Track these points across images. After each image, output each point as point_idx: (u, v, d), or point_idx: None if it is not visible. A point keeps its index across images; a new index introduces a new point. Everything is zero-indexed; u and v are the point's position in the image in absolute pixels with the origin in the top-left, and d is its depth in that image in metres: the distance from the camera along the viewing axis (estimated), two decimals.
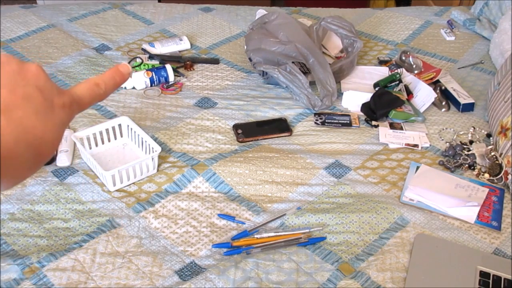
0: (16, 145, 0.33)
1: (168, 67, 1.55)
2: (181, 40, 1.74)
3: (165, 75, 1.54)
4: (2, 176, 0.33)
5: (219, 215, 1.11)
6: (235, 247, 1.03)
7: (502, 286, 0.95)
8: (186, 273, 0.99)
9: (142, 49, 1.70)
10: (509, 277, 0.96)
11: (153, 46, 1.69)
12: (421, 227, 1.08)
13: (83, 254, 1.02)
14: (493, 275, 0.96)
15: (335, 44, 1.66)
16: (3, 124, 0.32)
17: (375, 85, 1.50)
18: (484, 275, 0.97)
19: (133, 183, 1.19)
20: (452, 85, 1.50)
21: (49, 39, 1.76)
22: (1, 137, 0.32)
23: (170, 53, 1.70)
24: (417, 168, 1.24)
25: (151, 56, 1.66)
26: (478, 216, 1.11)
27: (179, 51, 1.72)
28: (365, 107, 1.43)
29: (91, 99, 0.40)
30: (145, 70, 1.53)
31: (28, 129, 0.34)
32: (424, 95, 1.44)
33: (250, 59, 1.55)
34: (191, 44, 1.76)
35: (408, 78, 1.52)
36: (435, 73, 1.54)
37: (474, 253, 1.02)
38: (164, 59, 1.64)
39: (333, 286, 0.96)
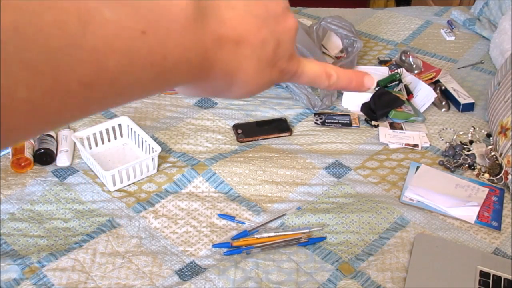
0: (217, 72, 0.30)
1: None
2: None
3: None
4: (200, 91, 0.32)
5: (219, 215, 1.11)
6: (235, 247, 1.03)
7: (502, 286, 0.95)
8: (186, 273, 0.99)
9: None
10: (509, 277, 0.96)
11: None
12: (421, 227, 1.09)
13: (83, 254, 1.02)
14: (493, 275, 0.96)
15: (335, 44, 1.66)
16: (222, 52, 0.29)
17: (375, 85, 1.50)
18: (484, 275, 0.97)
19: (133, 183, 1.19)
20: (452, 85, 1.50)
21: None
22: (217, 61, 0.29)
23: None
24: (417, 168, 1.24)
25: None
26: (478, 216, 1.11)
27: None
28: (365, 107, 1.43)
29: (309, 81, 0.37)
30: None
31: (238, 68, 0.31)
32: (424, 95, 1.44)
33: None
34: None
35: (408, 78, 1.52)
36: (435, 73, 1.54)
37: (474, 253, 1.02)
38: None
39: (333, 286, 0.96)
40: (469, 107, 1.44)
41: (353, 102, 1.46)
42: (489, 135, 1.34)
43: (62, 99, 0.21)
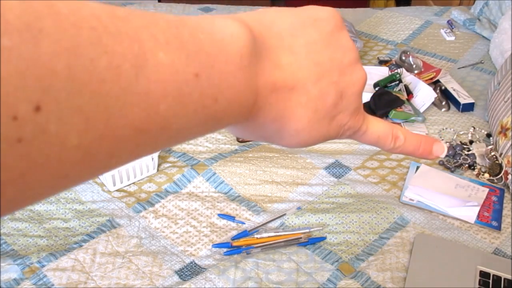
0: (267, 116, 0.28)
1: None
2: None
3: None
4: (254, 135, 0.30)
5: (219, 215, 1.11)
6: (235, 247, 1.03)
7: (502, 286, 0.95)
8: (186, 273, 0.99)
9: None
10: (509, 277, 0.96)
11: None
12: (421, 227, 1.09)
13: (83, 254, 1.02)
14: (493, 275, 0.96)
15: None
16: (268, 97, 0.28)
17: (375, 85, 1.50)
18: (484, 275, 0.97)
19: (133, 183, 1.19)
20: (452, 85, 1.50)
21: None
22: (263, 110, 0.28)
23: None
24: (417, 168, 1.24)
25: None
26: (478, 216, 1.11)
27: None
28: (365, 107, 1.42)
29: (374, 141, 0.34)
30: None
31: (290, 115, 0.29)
32: (424, 95, 1.44)
33: None
34: None
35: (408, 78, 1.52)
36: (435, 73, 1.54)
37: (474, 253, 1.02)
38: None
39: (333, 286, 0.96)
40: (469, 107, 1.44)
41: None
42: (489, 135, 1.34)
43: (113, 144, 0.21)
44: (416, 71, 1.58)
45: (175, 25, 0.23)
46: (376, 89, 1.47)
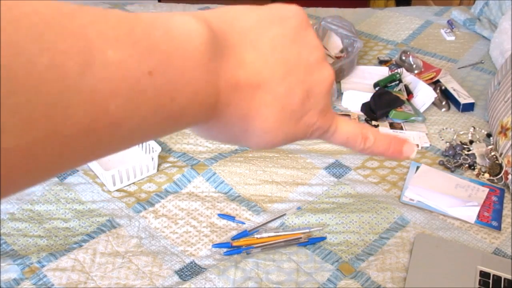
0: (231, 116, 0.28)
1: None
2: None
3: None
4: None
5: (219, 215, 1.11)
6: (235, 247, 1.03)
7: (502, 286, 0.95)
8: (186, 273, 0.99)
9: None
10: (509, 277, 0.96)
11: None
12: (421, 227, 1.08)
13: (83, 254, 1.02)
14: (493, 275, 0.96)
15: (335, 44, 1.66)
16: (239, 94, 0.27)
17: (375, 85, 1.50)
18: (484, 275, 0.97)
19: (133, 183, 1.19)
20: (452, 85, 1.50)
21: None
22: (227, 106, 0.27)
23: None
24: (417, 168, 1.24)
25: None
26: (478, 216, 1.11)
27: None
28: (365, 107, 1.43)
29: (343, 142, 0.33)
30: None
31: (255, 114, 0.28)
32: (424, 95, 1.44)
33: None
34: None
35: (408, 78, 1.52)
36: (435, 73, 1.54)
37: (474, 253, 1.02)
38: None
39: (333, 286, 0.96)
40: (469, 107, 1.44)
41: (353, 102, 1.46)
42: (489, 135, 1.34)
43: (58, 145, 0.20)
44: (416, 71, 1.58)
45: (127, 21, 0.23)
46: (376, 89, 1.47)
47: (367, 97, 1.43)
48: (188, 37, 0.25)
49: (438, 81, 1.52)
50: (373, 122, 1.40)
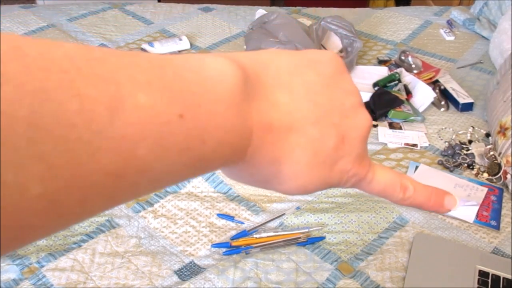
0: (263, 158, 0.27)
1: None
2: (180, 39, 1.74)
3: None
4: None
5: (218, 215, 1.11)
6: (234, 247, 1.03)
7: (501, 285, 0.95)
8: (185, 273, 0.99)
9: (142, 49, 1.70)
10: (508, 276, 0.96)
11: (153, 46, 1.69)
12: (420, 227, 1.09)
13: (82, 254, 1.02)
14: (492, 275, 0.96)
15: (334, 44, 1.66)
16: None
17: (375, 84, 1.50)
18: (483, 274, 0.97)
19: None
20: (451, 85, 1.50)
21: (48, 39, 1.76)
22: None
23: (170, 53, 1.70)
24: (416, 167, 1.24)
25: None
26: (477, 215, 1.11)
27: (179, 51, 1.73)
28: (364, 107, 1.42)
29: (380, 191, 0.32)
30: None
31: (288, 157, 0.27)
32: (423, 95, 1.44)
33: None
34: (191, 44, 1.76)
35: (407, 77, 1.52)
36: (434, 73, 1.54)
37: (473, 252, 1.02)
38: None
39: (332, 285, 0.96)
40: (468, 107, 1.44)
41: None
42: (488, 135, 1.34)
43: (84, 191, 0.19)
44: (415, 71, 1.58)
45: (159, 64, 0.22)
46: (376, 88, 1.48)
47: (366, 97, 1.43)
48: (220, 78, 0.24)
49: (437, 81, 1.52)
50: (372, 122, 1.40)
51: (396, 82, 1.49)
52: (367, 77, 1.58)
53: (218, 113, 0.23)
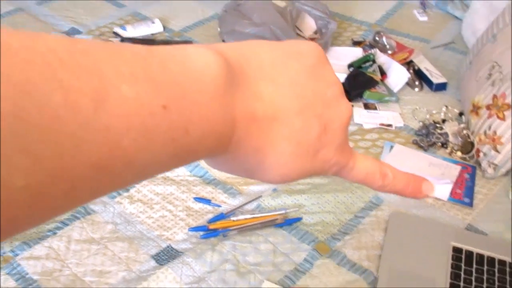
0: (247, 147, 0.27)
1: None
2: (153, 22, 1.71)
3: None
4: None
5: (195, 198, 1.11)
6: (212, 230, 1.03)
7: (474, 260, 0.97)
8: (162, 257, 0.99)
9: (114, 32, 1.67)
10: (481, 252, 0.98)
11: (125, 30, 1.66)
12: (396, 206, 1.10)
13: (57, 241, 1.01)
14: (466, 250, 0.98)
15: (309, 25, 1.66)
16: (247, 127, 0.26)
17: (349, 66, 1.50)
18: (457, 250, 0.98)
19: None
20: (425, 65, 1.51)
21: (17, 23, 1.72)
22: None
23: (143, 37, 1.68)
24: (391, 147, 1.25)
25: (123, 40, 1.63)
26: (451, 193, 1.13)
27: (152, 34, 1.70)
28: None
29: (361, 179, 0.33)
30: None
31: (272, 147, 0.28)
32: (397, 75, 1.45)
33: (224, 42, 1.53)
34: (164, 27, 1.74)
35: (381, 58, 1.53)
36: (408, 54, 1.55)
37: (447, 229, 1.03)
38: (136, 42, 1.61)
39: (310, 265, 0.97)
40: (442, 87, 1.45)
41: None
42: (461, 114, 1.36)
43: (69, 183, 0.19)
44: (389, 52, 1.59)
45: (142, 55, 0.22)
46: (350, 70, 1.48)
47: (341, 78, 1.43)
48: (204, 69, 0.24)
49: (411, 61, 1.53)
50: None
51: (371, 63, 1.49)
52: (342, 58, 1.58)
53: (202, 104, 0.24)
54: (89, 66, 0.20)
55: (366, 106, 1.39)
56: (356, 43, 1.66)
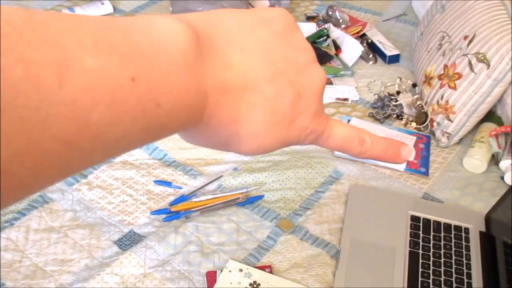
0: (221, 119, 0.27)
1: None
2: (103, 3, 1.66)
3: None
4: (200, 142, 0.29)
5: (155, 181, 1.10)
6: (174, 213, 1.03)
7: (431, 228, 1.00)
8: (125, 242, 0.98)
9: None
10: (437, 219, 1.02)
11: (73, 11, 1.61)
12: (355, 179, 1.12)
13: (16, 232, 0.98)
14: (423, 219, 1.01)
15: (262, 1, 1.64)
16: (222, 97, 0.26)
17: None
18: (415, 219, 1.01)
19: None
20: (378, 38, 1.53)
21: None
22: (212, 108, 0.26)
23: None
24: (348, 121, 1.26)
25: None
26: (408, 163, 1.16)
27: (102, 16, 1.65)
28: None
29: (338, 146, 0.32)
30: None
31: (245, 116, 0.27)
32: (351, 49, 1.46)
33: None
34: (114, 8, 1.69)
35: (335, 33, 1.53)
36: (361, 27, 1.57)
37: (405, 199, 1.06)
38: None
39: (273, 242, 0.98)
40: (395, 59, 1.48)
41: None
42: (414, 85, 1.39)
43: (36, 159, 0.18)
44: (343, 26, 1.59)
45: (105, 26, 0.21)
46: None
47: None
48: (170, 39, 0.24)
49: (364, 34, 1.55)
50: None
51: (325, 37, 1.50)
52: None
53: (171, 75, 0.23)
54: (50, 38, 0.19)
55: None
56: (309, 18, 1.67)
